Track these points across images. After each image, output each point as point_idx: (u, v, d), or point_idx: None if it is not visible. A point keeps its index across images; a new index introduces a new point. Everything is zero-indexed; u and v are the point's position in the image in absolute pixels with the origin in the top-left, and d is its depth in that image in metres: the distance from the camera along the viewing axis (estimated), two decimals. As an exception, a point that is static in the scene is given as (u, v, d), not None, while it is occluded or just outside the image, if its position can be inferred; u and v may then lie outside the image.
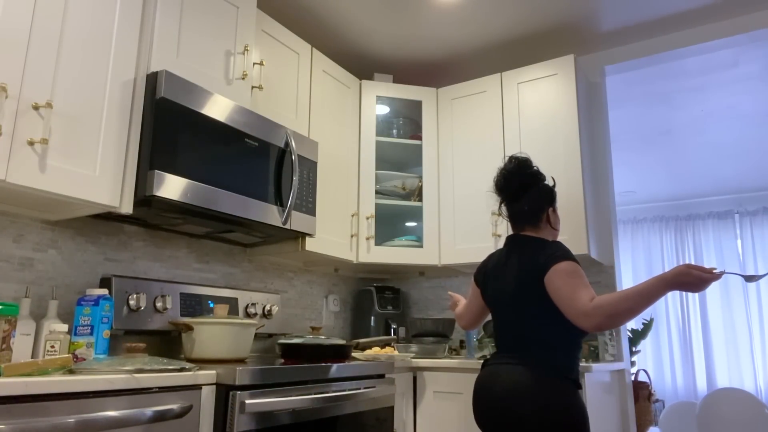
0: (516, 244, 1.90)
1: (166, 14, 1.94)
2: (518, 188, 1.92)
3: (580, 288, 1.65)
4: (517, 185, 1.92)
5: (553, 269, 1.71)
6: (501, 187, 1.96)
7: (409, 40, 3.11)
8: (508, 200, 1.95)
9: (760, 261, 5.80)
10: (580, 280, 1.67)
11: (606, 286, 2.86)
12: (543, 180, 1.96)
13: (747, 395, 4.45)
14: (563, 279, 1.68)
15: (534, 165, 1.96)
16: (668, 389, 6.00)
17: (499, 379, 1.72)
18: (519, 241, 1.90)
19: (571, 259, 1.73)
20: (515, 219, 1.94)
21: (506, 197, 1.95)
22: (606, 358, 2.59)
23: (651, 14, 2.84)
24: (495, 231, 2.82)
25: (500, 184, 1.96)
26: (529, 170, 1.94)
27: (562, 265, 1.71)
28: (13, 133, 1.47)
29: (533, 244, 1.84)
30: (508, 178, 1.94)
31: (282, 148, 2.28)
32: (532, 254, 1.80)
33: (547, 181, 1.97)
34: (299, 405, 1.69)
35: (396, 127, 3.30)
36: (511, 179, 1.93)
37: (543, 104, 2.83)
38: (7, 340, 1.49)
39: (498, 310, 1.87)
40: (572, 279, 1.68)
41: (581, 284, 1.66)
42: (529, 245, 1.85)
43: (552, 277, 1.71)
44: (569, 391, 1.65)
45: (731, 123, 4.26)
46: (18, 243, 1.80)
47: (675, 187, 5.93)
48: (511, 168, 1.95)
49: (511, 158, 1.97)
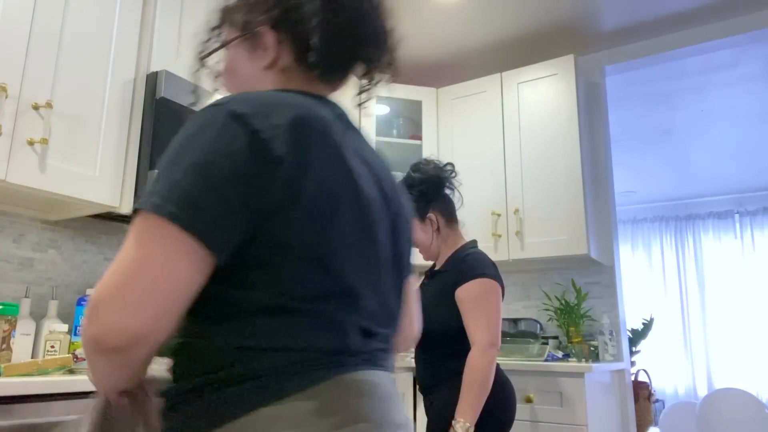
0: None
1: (166, 14, 1.94)
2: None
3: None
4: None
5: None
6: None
7: (409, 40, 3.11)
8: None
9: (760, 261, 5.80)
10: None
11: (606, 286, 2.86)
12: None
13: (747, 395, 4.46)
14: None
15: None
16: (668, 389, 6.00)
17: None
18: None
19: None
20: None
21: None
22: (606, 358, 2.59)
23: (651, 14, 2.84)
24: (495, 231, 2.82)
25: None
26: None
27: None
28: (13, 133, 1.47)
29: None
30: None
31: (282, 148, 2.27)
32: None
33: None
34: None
35: (396, 127, 3.30)
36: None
37: (543, 104, 2.83)
38: (7, 340, 1.49)
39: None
40: None
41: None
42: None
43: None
44: None
45: (731, 123, 4.26)
46: (18, 243, 1.80)
47: (675, 187, 5.93)
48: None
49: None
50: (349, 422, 0.62)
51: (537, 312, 3.00)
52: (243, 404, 0.60)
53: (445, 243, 1.89)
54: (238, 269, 0.63)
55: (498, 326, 1.68)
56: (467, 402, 1.59)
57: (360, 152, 0.75)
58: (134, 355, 0.58)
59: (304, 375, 0.63)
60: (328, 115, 0.72)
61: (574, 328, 2.67)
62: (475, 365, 1.62)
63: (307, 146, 0.65)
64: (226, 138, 0.62)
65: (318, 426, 0.61)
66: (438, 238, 1.89)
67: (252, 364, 0.62)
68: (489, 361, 1.62)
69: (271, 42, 0.77)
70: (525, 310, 3.03)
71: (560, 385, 2.25)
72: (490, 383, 1.62)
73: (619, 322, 2.80)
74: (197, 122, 0.64)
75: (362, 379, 0.67)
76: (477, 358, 1.62)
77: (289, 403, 0.61)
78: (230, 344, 0.63)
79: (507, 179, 2.86)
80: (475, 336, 1.65)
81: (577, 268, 2.93)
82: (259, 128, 0.63)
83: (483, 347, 1.63)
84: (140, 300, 0.56)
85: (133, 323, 0.55)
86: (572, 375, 2.24)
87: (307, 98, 0.73)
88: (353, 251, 0.68)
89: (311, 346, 0.64)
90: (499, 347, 1.67)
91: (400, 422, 0.69)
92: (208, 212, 0.59)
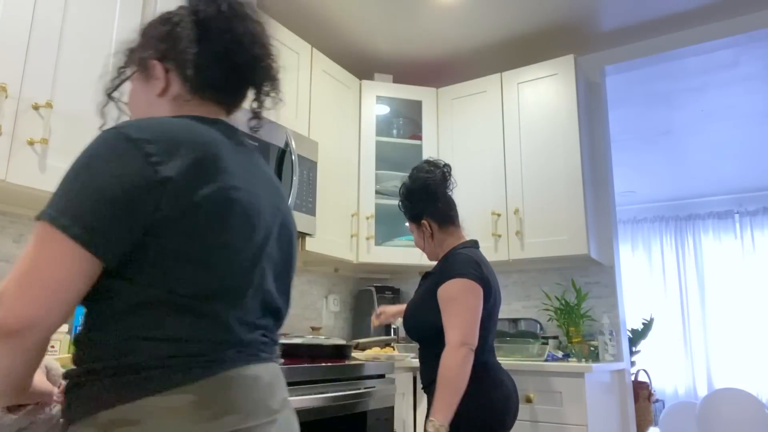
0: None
1: (166, 14, 1.94)
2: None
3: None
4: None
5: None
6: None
7: (409, 40, 3.11)
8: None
9: (760, 261, 5.80)
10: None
11: (606, 286, 2.86)
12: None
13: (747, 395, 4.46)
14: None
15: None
16: (668, 389, 6.00)
17: (512, 382, 1.83)
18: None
19: None
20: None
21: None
22: (606, 358, 2.59)
23: (651, 14, 2.84)
24: (495, 231, 2.82)
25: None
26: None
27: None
28: (13, 133, 1.47)
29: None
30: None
31: (282, 148, 2.27)
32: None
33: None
34: (299, 405, 1.68)
35: (396, 127, 3.30)
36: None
37: (543, 104, 2.83)
38: (7, 340, 1.49)
39: (495, 314, 1.88)
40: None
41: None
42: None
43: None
44: None
45: (731, 123, 4.26)
46: (18, 243, 1.80)
47: (675, 187, 5.93)
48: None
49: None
50: (220, 414, 0.73)
51: (537, 312, 3.00)
52: (131, 392, 0.71)
53: (441, 246, 1.94)
54: (132, 269, 0.74)
55: (472, 325, 1.68)
56: (439, 401, 1.60)
57: (248, 168, 0.87)
58: (30, 340, 0.68)
59: (188, 370, 0.73)
60: (217, 137, 0.84)
61: (574, 328, 2.67)
62: (445, 364, 1.64)
63: (193, 166, 0.76)
64: (119, 159, 0.73)
65: (192, 417, 0.71)
66: (432, 242, 1.94)
67: (143, 355, 0.73)
68: (460, 360, 1.63)
69: (160, 72, 0.90)
70: (525, 310, 3.03)
71: (560, 385, 2.25)
72: (461, 382, 1.62)
73: (619, 322, 2.80)
74: (97, 143, 0.75)
75: (243, 374, 0.78)
76: (447, 358, 1.65)
77: (171, 396, 0.72)
78: (124, 335, 0.74)
79: (507, 179, 2.86)
80: (448, 335, 1.68)
81: (577, 268, 2.93)
82: (149, 151, 0.74)
83: (454, 346, 1.65)
84: (35, 293, 0.68)
85: (29, 311, 0.67)
86: (572, 375, 2.24)
87: (198, 122, 0.84)
88: (238, 256, 0.79)
89: (196, 338, 0.75)
90: (473, 346, 1.67)
91: (275, 409, 0.81)
92: (95, 225, 0.70)
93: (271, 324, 0.89)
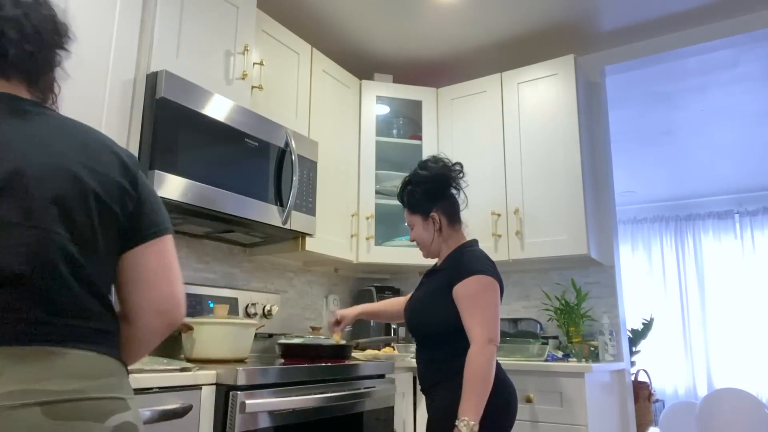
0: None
1: (166, 14, 1.94)
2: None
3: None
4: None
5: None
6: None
7: (409, 40, 3.11)
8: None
9: (760, 261, 5.80)
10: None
11: (606, 286, 2.86)
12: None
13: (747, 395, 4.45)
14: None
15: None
16: (668, 389, 6.00)
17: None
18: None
19: None
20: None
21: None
22: (606, 358, 2.59)
23: (651, 14, 2.84)
24: (495, 231, 2.82)
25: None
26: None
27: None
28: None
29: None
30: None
31: (282, 148, 2.28)
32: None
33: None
34: (299, 405, 1.68)
35: (396, 127, 3.30)
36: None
37: (543, 104, 2.83)
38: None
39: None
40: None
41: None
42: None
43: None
44: None
45: (731, 123, 4.26)
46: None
47: (675, 187, 5.93)
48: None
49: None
50: None
51: (537, 312, 3.00)
52: None
53: (446, 243, 1.88)
54: None
55: (496, 322, 1.66)
56: (469, 400, 1.56)
57: (36, 136, 0.89)
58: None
59: None
60: None
61: (574, 328, 2.67)
62: (475, 362, 1.59)
63: None
64: None
65: None
66: (439, 237, 1.87)
67: None
68: (488, 358, 1.60)
69: None
70: (525, 310, 3.03)
71: (560, 385, 2.25)
72: (491, 380, 1.60)
73: (619, 322, 2.80)
74: None
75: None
76: (476, 355, 1.60)
77: None
78: None
79: (507, 179, 2.86)
80: (472, 333, 1.63)
81: (577, 268, 2.93)
82: None
83: (481, 344, 1.61)
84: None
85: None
86: (572, 375, 2.24)
87: None
88: (11, 233, 0.80)
89: None
90: (497, 343, 1.65)
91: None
92: None
93: (61, 309, 0.84)
